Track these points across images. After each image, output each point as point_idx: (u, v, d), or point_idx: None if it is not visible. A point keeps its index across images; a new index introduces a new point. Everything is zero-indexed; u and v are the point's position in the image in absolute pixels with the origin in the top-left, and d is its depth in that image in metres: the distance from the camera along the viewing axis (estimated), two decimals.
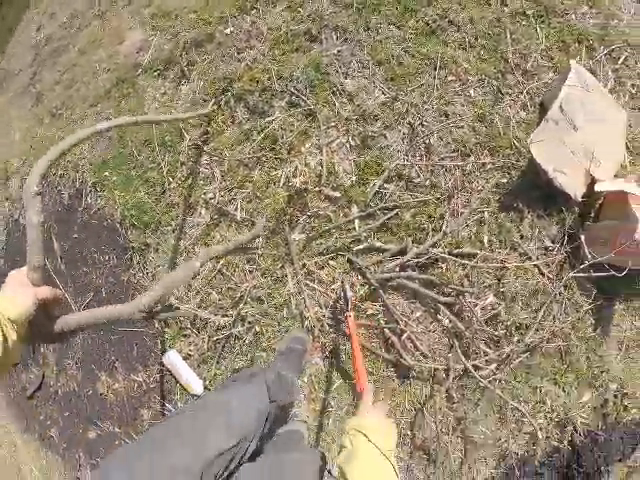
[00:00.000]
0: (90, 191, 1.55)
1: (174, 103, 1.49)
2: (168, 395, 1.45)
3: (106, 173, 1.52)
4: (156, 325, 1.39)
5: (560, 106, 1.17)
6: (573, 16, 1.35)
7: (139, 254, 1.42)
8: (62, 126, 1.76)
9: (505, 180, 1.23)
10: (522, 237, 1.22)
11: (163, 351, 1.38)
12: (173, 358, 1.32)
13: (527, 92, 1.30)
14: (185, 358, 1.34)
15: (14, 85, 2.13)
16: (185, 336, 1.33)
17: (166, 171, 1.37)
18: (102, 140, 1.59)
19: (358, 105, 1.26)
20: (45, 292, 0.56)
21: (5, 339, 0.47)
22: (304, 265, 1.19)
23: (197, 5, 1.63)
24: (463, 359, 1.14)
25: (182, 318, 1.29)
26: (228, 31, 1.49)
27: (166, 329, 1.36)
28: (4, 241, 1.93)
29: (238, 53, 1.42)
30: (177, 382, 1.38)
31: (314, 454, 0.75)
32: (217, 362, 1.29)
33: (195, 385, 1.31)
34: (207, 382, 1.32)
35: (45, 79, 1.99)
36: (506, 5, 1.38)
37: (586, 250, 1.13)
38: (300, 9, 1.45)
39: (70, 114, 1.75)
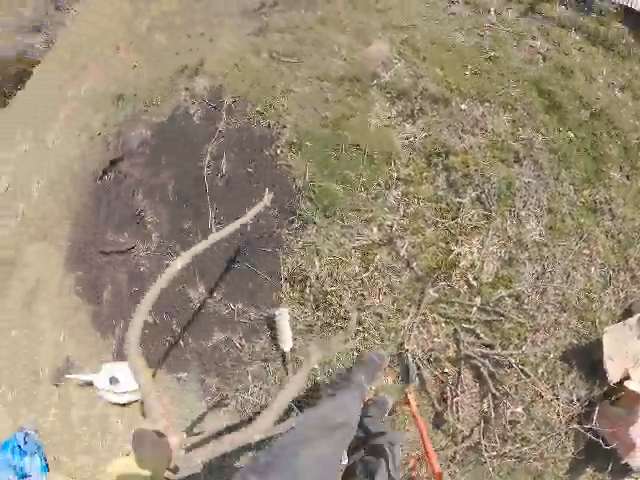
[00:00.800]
0: (283, 146, 2.05)
1: (390, 130, 2.03)
2: (252, 334, 1.99)
3: (308, 143, 2.01)
4: (281, 282, 1.93)
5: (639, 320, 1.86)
6: None
7: (301, 222, 1.93)
8: (281, 72, 2.21)
9: (575, 341, 1.91)
10: (562, 384, 1.89)
11: (273, 304, 1.91)
12: (284, 315, 1.85)
13: (626, 292, 1.99)
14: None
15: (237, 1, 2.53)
16: (302, 304, 1.88)
17: (363, 180, 1.92)
18: (315, 113, 2.09)
19: (520, 232, 1.87)
20: (174, 443, 0.78)
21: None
22: (424, 314, 1.77)
23: (445, 62, 2.16)
24: (480, 436, 1.80)
25: None
26: (463, 107, 2.04)
27: (289, 290, 1.91)
28: (164, 122, 2.36)
29: (462, 131, 1.99)
30: (271, 330, 1.92)
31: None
32: (311, 339, 1.86)
33: (287, 341, 1.86)
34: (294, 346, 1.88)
35: (274, 19, 2.40)
36: None
37: (595, 419, 1.82)
38: (520, 129, 2.03)
39: (293, 68, 2.22)
